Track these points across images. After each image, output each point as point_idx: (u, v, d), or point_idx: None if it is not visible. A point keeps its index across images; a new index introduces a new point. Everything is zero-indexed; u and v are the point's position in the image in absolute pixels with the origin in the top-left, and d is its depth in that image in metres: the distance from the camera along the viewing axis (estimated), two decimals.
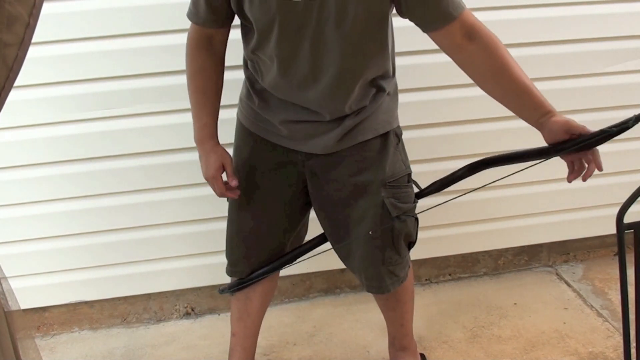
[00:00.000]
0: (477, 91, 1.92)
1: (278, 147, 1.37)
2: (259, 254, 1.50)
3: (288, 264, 1.53)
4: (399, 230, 1.40)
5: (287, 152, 1.37)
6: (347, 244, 1.43)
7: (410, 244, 1.49)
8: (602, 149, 2.18)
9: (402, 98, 1.47)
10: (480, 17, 1.95)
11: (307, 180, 1.41)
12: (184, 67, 1.80)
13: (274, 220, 1.46)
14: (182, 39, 1.75)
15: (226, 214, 1.95)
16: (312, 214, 1.52)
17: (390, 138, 1.38)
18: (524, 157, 1.33)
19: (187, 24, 1.74)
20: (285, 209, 1.46)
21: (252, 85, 1.36)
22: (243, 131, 1.43)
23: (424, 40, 1.25)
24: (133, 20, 1.74)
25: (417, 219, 1.45)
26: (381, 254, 1.42)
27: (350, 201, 1.38)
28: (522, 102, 1.24)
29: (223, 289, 1.61)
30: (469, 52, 1.19)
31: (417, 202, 1.45)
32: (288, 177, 1.41)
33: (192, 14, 1.27)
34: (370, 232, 1.37)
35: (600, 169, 1.25)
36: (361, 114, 1.32)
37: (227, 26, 1.30)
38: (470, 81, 1.49)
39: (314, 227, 1.54)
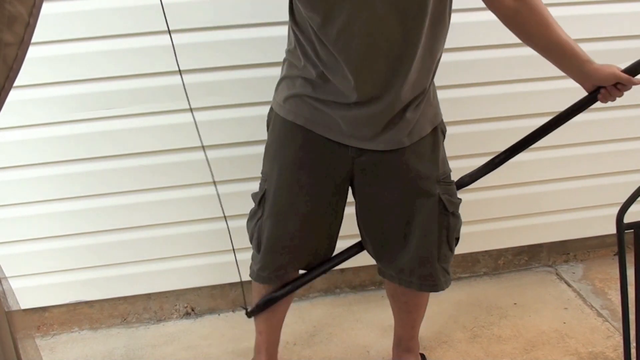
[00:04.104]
0: (474, 92, 1.94)
1: (329, 142, 1.32)
2: (300, 259, 1.47)
3: (318, 276, 1.52)
4: (453, 227, 1.42)
5: (338, 147, 1.32)
6: (398, 244, 1.41)
7: (457, 240, 1.48)
8: (601, 149, 2.19)
9: None
10: (482, 17, 1.95)
11: (355, 178, 1.38)
12: (183, 67, 1.81)
13: (320, 222, 1.42)
14: (182, 39, 1.77)
15: (227, 214, 1.96)
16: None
17: (439, 132, 1.39)
18: (571, 113, 1.41)
19: (186, 24, 1.75)
20: (331, 210, 1.42)
21: (313, 73, 1.28)
22: (288, 128, 1.36)
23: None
24: (133, 21, 1.74)
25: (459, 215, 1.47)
26: (437, 251, 1.40)
27: (404, 199, 1.36)
28: (564, 54, 1.30)
29: (252, 311, 1.58)
30: (515, 8, 1.26)
31: (460, 198, 1.46)
32: (335, 176, 1.37)
33: None
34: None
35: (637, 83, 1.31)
36: (420, 104, 1.30)
37: None
38: (472, 81, 1.50)
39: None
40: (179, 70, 1.39)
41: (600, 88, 1.31)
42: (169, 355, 1.92)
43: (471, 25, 1.88)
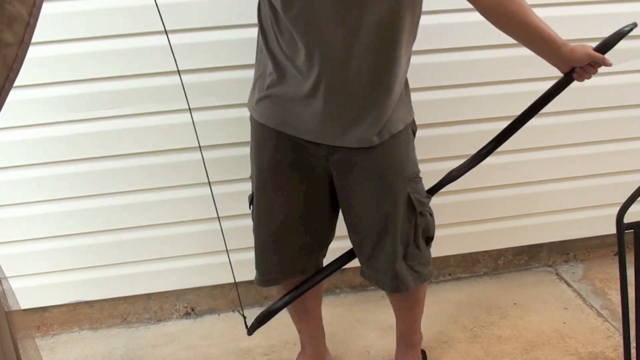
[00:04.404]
0: (474, 92, 1.93)
1: (302, 142, 1.34)
2: (292, 258, 1.49)
3: (315, 284, 1.53)
4: (422, 225, 1.43)
5: (312, 146, 1.34)
6: (372, 242, 1.42)
7: (429, 239, 1.49)
8: (601, 149, 2.19)
9: None
10: (482, 17, 1.95)
11: (332, 175, 1.40)
12: (183, 67, 1.81)
13: (301, 221, 1.45)
14: (182, 39, 1.77)
15: (226, 213, 1.96)
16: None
17: (410, 132, 1.40)
18: (550, 96, 1.43)
19: (186, 24, 1.75)
20: (315, 208, 1.44)
21: (279, 69, 1.30)
22: (261, 131, 1.38)
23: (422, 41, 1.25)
24: (133, 21, 1.74)
25: (432, 214, 1.47)
26: (404, 250, 1.42)
27: (376, 197, 1.37)
28: (542, 39, 1.34)
29: (252, 327, 1.58)
30: (487, 1, 1.32)
31: (430, 197, 1.47)
32: (312, 174, 1.40)
33: None
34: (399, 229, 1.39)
35: (610, 64, 1.39)
36: (386, 103, 1.30)
37: None
38: (472, 81, 1.49)
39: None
40: (178, 70, 1.38)
41: (575, 68, 1.37)
42: (169, 355, 1.92)
43: (471, 25, 1.87)
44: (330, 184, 1.43)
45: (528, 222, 2.19)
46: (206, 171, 1.51)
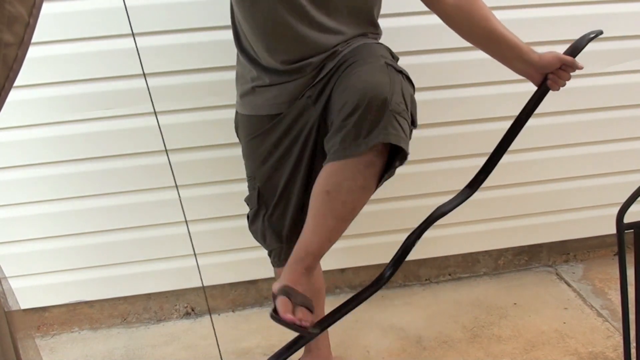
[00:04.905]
0: (474, 92, 1.93)
1: (289, 112, 1.33)
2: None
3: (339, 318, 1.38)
4: (405, 84, 1.22)
5: (301, 105, 1.31)
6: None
7: (412, 116, 1.22)
8: (601, 149, 2.19)
9: None
10: None
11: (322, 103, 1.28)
12: (184, 67, 1.81)
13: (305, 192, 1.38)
14: (182, 39, 1.77)
15: (225, 213, 1.96)
16: None
17: (386, 50, 1.35)
18: (529, 111, 1.38)
19: (186, 24, 1.75)
20: (308, 173, 1.36)
21: (249, 56, 1.35)
22: (251, 122, 1.40)
23: (413, 41, 1.25)
24: (133, 20, 1.73)
25: (414, 91, 1.28)
26: (391, 93, 1.13)
27: (355, 70, 1.21)
28: (507, 45, 1.33)
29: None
30: (456, 5, 1.31)
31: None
32: (309, 143, 1.32)
33: None
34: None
35: (581, 67, 1.34)
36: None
37: None
38: (472, 81, 1.49)
39: None
40: (144, 74, 1.38)
41: (548, 75, 1.33)
42: (169, 355, 1.92)
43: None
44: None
45: (528, 222, 2.19)
46: (172, 173, 1.52)
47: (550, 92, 1.40)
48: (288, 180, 1.39)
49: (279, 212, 1.44)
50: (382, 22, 1.39)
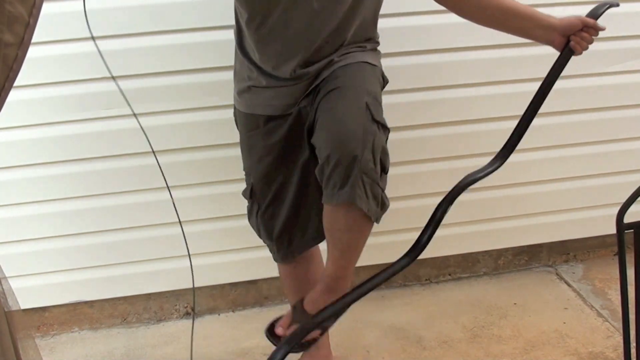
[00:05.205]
0: (474, 92, 1.93)
1: (287, 116, 1.36)
2: (310, 228, 1.48)
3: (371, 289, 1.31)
4: (378, 139, 1.23)
5: (297, 113, 1.35)
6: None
7: (384, 167, 1.27)
8: (602, 149, 2.19)
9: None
10: None
11: (309, 114, 1.34)
12: (183, 67, 1.81)
13: (309, 191, 1.42)
14: (182, 39, 1.77)
15: (225, 213, 1.96)
16: None
17: (378, 71, 1.38)
18: (554, 74, 1.36)
19: (186, 24, 1.75)
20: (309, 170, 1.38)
21: (254, 62, 1.35)
22: (249, 119, 1.41)
23: (414, 41, 1.25)
24: (133, 20, 1.74)
25: (387, 138, 1.29)
26: (361, 153, 1.18)
27: (338, 97, 1.27)
28: (524, 17, 1.33)
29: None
30: None
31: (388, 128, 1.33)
32: (304, 143, 1.37)
33: None
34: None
35: (603, 28, 1.34)
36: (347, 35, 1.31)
37: None
38: (472, 81, 1.48)
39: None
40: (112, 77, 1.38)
41: (571, 37, 1.33)
42: (169, 355, 1.92)
43: (471, 25, 1.87)
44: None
45: (528, 222, 2.19)
46: (162, 177, 1.51)
47: (552, 92, 1.39)
48: (282, 184, 1.42)
49: (270, 212, 1.47)
50: (382, 22, 1.40)
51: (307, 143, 1.35)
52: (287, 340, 1.22)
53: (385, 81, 1.41)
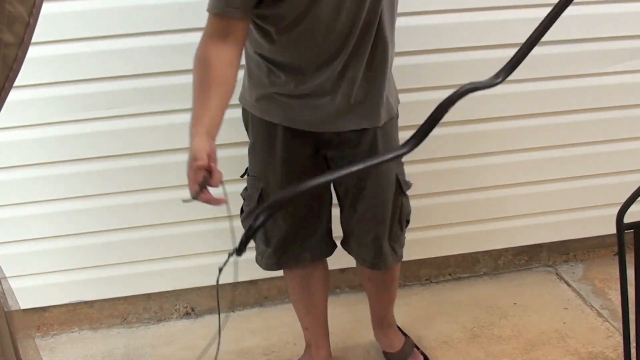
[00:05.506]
0: (475, 91, 1.88)
1: (307, 133, 1.37)
2: (311, 241, 1.53)
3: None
4: (406, 207, 1.50)
5: (317, 134, 1.38)
6: (360, 220, 1.46)
7: (407, 222, 1.55)
8: (601, 149, 2.19)
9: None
10: (481, 17, 1.96)
11: (330, 158, 1.43)
12: (183, 67, 1.81)
13: (319, 205, 1.50)
14: (182, 39, 1.76)
15: (225, 213, 1.96)
16: None
17: (396, 116, 1.44)
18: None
19: (185, 24, 1.75)
20: (326, 191, 1.49)
21: (278, 70, 1.33)
22: (267, 127, 1.40)
23: (414, 41, 1.25)
24: (133, 21, 1.74)
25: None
26: (389, 230, 1.47)
27: (373, 179, 1.41)
28: None
29: (240, 248, 1.38)
30: None
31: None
32: (320, 161, 1.43)
33: (222, 4, 1.17)
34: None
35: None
36: (382, 86, 1.35)
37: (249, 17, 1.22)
38: (465, 81, 1.44)
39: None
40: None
41: None
42: (169, 355, 1.92)
43: (471, 25, 1.88)
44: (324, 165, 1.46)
45: (528, 222, 2.19)
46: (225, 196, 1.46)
47: (552, 89, 1.38)
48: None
49: (273, 219, 1.46)
50: None
51: (327, 166, 1.43)
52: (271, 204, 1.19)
53: (397, 101, 1.46)
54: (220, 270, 1.13)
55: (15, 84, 0.72)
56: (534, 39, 1.28)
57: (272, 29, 1.23)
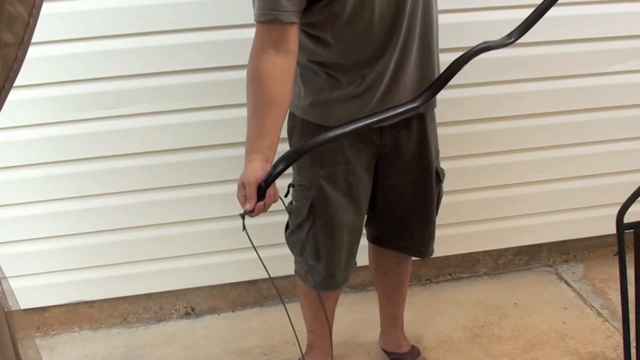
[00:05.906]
0: (474, 92, 1.91)
1: (362, 136, 1.36)
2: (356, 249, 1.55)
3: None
4: (441, 196, 1.54)
5: (370, 134, 1.37)
6: (407, 212, 1.50)
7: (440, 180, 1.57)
8: (602, 149, 2.19)
9: None
10: (482, 17, 1.95)
11: (380, 159, 1.44)
12: (183, 67, 1.81)
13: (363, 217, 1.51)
14: (182, 39, 1.77)
15: (225, 213, 1.96)
16: None
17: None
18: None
19: (185, 23, 1.75)
20: (367, 198, 1.48)
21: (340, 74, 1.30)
22: (319, 133, 1.37)
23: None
24: (133, 20, 1.74)
25: None
26: (433, 218, 1.53)
27: (421, 171, 1.45)
28: None
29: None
30: None
31: None
32: (370, 166, 1.43)
33: (271, 10, 1.11)
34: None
35: None
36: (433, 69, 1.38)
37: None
38: (472, 81, 1.44)
39: None
40: None
41: None
42: (169, 355, 1.92)
43: (471, 25, 1.87)
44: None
45: (528, 222, 2.19)
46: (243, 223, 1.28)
47: (552, 90, 1.38)
48: (354, 203, 1.44)
49: (332, 232, 1.43)
50: None
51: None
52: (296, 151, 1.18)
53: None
54: (244, 227, 1.14)
55: (15, 84, 0.72)
56: (549, 1, 1.26)
57: (327, 32, 1.22)
